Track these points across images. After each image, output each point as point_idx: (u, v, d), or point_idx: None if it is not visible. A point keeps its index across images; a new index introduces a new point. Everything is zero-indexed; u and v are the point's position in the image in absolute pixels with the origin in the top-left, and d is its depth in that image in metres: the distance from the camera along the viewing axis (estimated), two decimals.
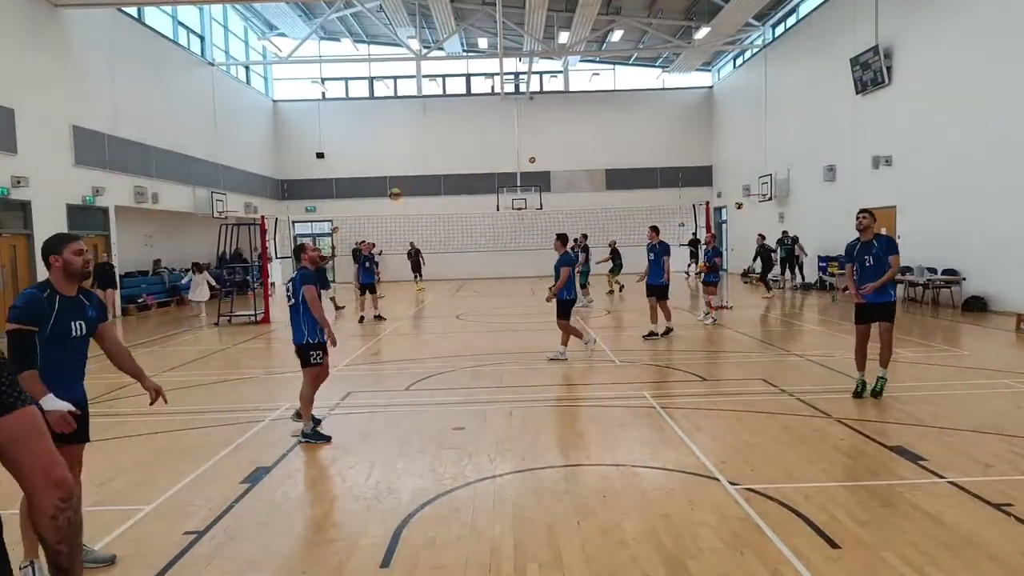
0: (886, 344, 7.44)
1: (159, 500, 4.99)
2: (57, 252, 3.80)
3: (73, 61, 17.72)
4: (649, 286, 12.19)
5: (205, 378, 9.80)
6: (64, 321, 3.77)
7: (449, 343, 12.54)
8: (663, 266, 12.07)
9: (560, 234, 10.67)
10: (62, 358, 3.80)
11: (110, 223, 18.94)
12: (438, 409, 7.60)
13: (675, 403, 7.49)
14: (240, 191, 27.43)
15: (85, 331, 3.89)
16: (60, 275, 3.81)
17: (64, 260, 3.80)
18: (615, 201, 31.10)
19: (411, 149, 32.60)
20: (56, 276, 3.82)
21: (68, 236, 3.91)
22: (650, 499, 4.78)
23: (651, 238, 12.36)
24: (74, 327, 3.81)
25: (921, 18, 16.86)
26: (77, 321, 3.83)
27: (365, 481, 5.30)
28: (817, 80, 22.01)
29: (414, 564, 3.93)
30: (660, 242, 12.22)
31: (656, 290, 12.09)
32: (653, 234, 12.38)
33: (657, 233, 12.40)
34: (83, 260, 3.85)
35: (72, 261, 3.81)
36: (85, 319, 3.88)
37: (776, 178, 24.85)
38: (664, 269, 12.04)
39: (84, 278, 3.90)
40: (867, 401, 7.29)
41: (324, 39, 31.89)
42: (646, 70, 33.29)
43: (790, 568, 3.72)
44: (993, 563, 3.73)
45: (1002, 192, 14.21)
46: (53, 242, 3.85)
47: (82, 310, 3.88)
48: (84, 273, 3.88)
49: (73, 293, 3.87)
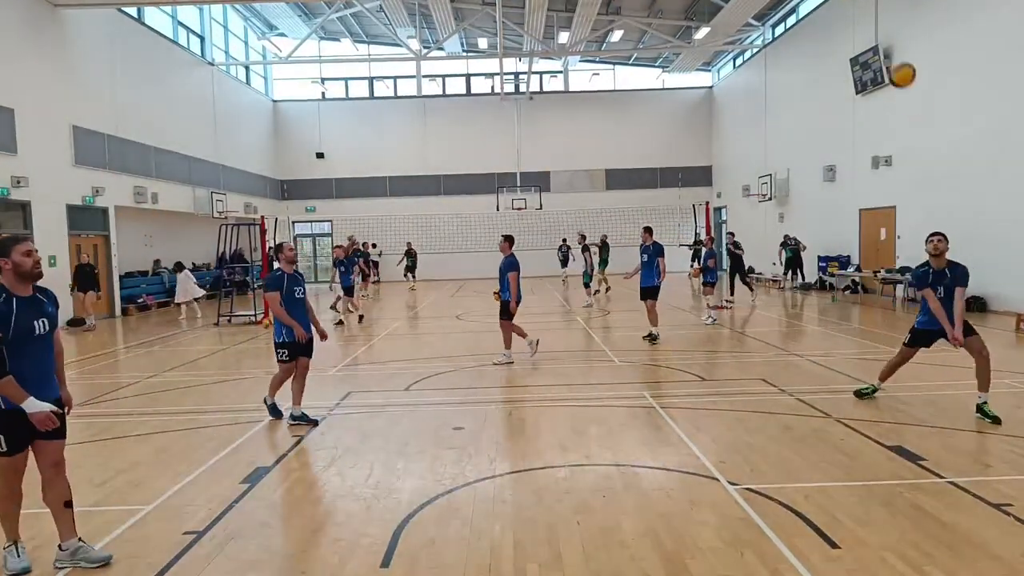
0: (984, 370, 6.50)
1: (159, 500, 4.99)
2: (5, 255, 3.76)
3: (73, 61, 17.72)
4: (642, 289, 12.02)
5: (205, 378, 9.80)
6: (25, 320, 3.75)
7: (449, 343, 12.54)
8: (656, 267, 11.86)
9: (506, 235, 10.53)
10: (31, 357, 3.79)
11: (110, 223, 18.95)
12: (438, 409, 7.60)
13: (675, 403, 7.49)
14: (240, 191, 27.44)
15: (48, 327, 3.88)
16: (11, 277, 3.79)
17: (13, 262, 3.77)
18: (615, 201, 31.10)
19: (411, 149, 32.61)
20: (8, 279, 3.78)
21: (15, 238, 3.88)
22: (650, 499, 4.78)
23: (644, 239, 12.12)
24: (37, 325, 3.80)
25: (921, 18, 16.87)
26: (39, 319, 3.82)
27: (365, 481, 5.30)
28: (817, 80, 22.01)
29: (414, 564, 3.93)
30: (654, 243, 12.02)
31: (649, 292, 11.93)
32: (647, 235, 12.15)
33: (651, 234, 12.19)
34: (33, 260, 3.82)
35: (21, 263, 3.78)
36: (47, 315, 3.88)
37: (776, 178, 24.85)
38: (659, 271, 11.83)
39: (36, 278, 3.86)
40: (867, 401, 7.29)
41: (324, 39, 31.89)
42: (646, 70, 33.29)
43: (790, 568, 3.72)
44: (993, 563, 3.73)
45: (1002, 192, 14.21)
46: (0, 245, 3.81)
47: (41, 307, 3.88)
48: (35, 274, 3.84)
49: (29, 292, 3.85)
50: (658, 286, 11.96)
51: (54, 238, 16.45)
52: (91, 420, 7.51)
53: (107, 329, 16.40)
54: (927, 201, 16.55)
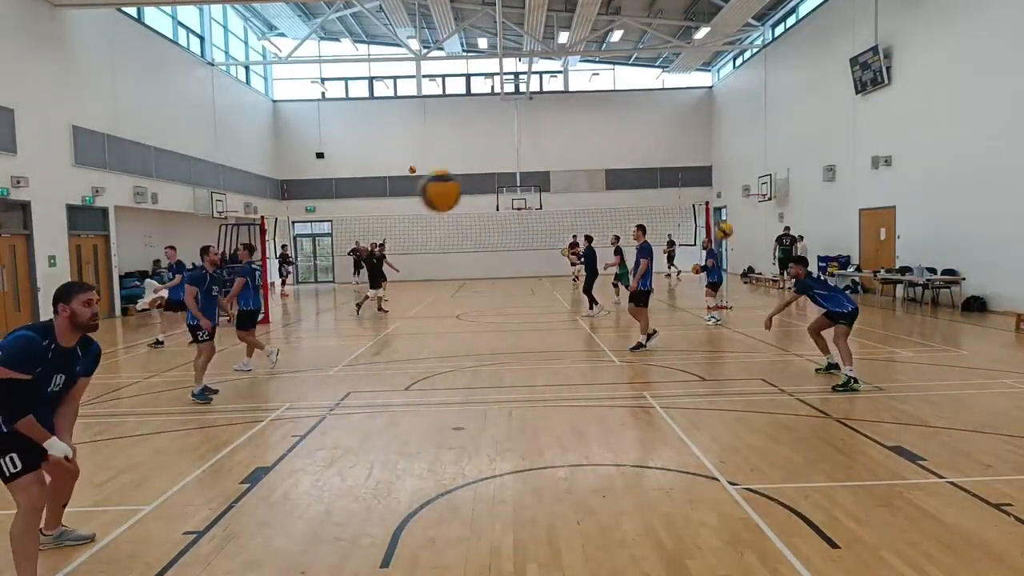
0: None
1: (159, 500, 4.99)
2: (66, 301, 3.58)
3: (73, 61, 17.71)
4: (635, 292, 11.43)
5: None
6: (47, 374, 3.53)
7: (449, 343, 12.54)
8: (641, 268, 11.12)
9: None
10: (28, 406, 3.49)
11: (110, 223, 18.93)
12: (438, 409, 7.60)
13: (675, 403, 7.48)
14: (240, 191, 27.42)
15: (62, 387, 3.64)
16: (65, 325, 3.61)
17: (72, 310, 3.58)
18: (615, 201, 31.09)
19: (411, 149, 32.55)
20: (61, 325, 3.60)
21: (80, 286, 3.67)
22: (650, 499, 4.78)
23: (637, 238, 11.66)
24: (54, 380, 3.58)
25: (921, 18, 16.87)
26: (59, 375, 3.60)
27: (365, 481, 5.30)
28: (817, 80, 22.01)
29: (414, 564, 3.93)
30: (644, 243, 11.51)
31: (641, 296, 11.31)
32: (639, 233, 11.71)
33: (643, 232, 11.70)
34: (91, 312, 3.62)
35: (80, 312, 3.59)
36: (69, 374, 3.66)
37: (776, 178, 24.85)
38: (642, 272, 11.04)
39: (90, 330, 3.68)
40: (867, 401, 7.30)
41: (324, 39, 31.88)
42: (646, 70, 33.28)
43: (790, 568, 3.72)
44: (993, 563, 3.73)
45: (1002, 192, 14.21)
46: (63, 290, 3.63)
47: (72, 364, 3.67)
48: (90, 325, 3.65)
49: (72, 344, 3.66)
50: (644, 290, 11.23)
51: (54, 238, 16.44)
52: (91, 420, 7.50)
53: (107, 329, 16.38)
54: (927, 201, 16.55)
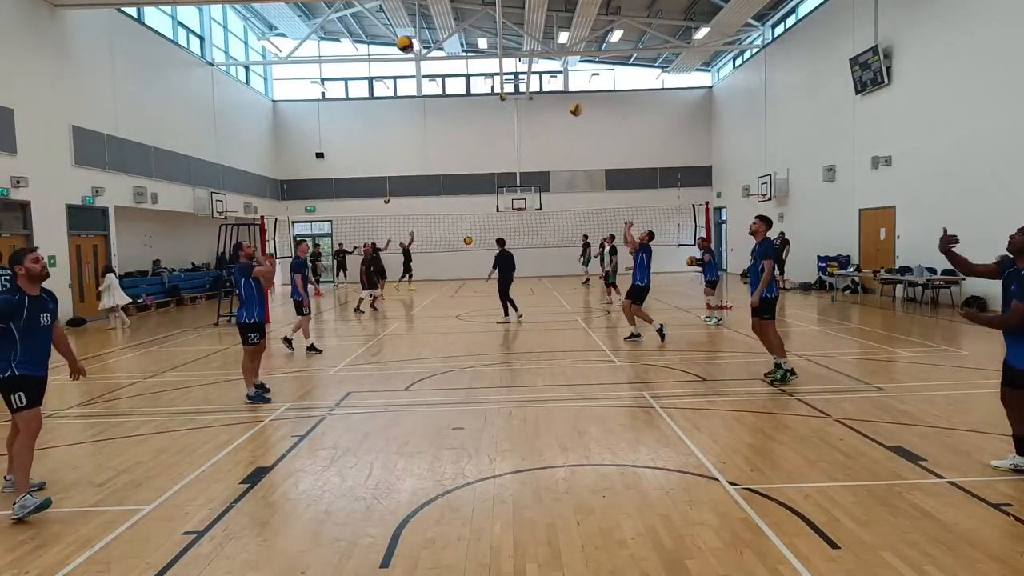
0: None
1: (159, 500, 5.00)
2: (20, 263, 4.93)
3: (73, 61, 17.71)
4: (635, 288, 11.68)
5: (205, 378, 9.80)
6: (34, 314, 4.93)
7: (449, 343, 12.54)
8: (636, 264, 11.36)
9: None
10: (37, 341, 4.97)
11: (110, 223, 18.94)
12: (438, 409, 7.60)
13: (675, 403, 7.48)
14: (240, 191, 27.43)
15: (50, 320, 5.09)
16: (25, 280, 4.94)
17: (26, 268, 4.93)
18: (615, 201, 31.07)
19: (411, 149, 32.60)
20: (23, 282, 4.94)
21: (25, 249, 5.02)
22: (650, 499, 4.78)
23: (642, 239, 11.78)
24: (42, 318, 4.99)
25: (921, 18, 16.86)
26: (43, 314, 5.00)
27: (365, 481, 5.30)
28: (817, 80, 22.01)
29: (414, 564, 3.93)
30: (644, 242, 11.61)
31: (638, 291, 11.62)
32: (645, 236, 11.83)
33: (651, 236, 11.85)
34: (40, 265, 5.00)
35: (32, 268, 4.94)
36: (49, 311, 5.08)
37: (776, 178, 24.85)
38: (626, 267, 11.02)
39: (44, 279, 5.04)
40: (867, 401, 7.30)
41: (324, 39, 31.88)
42: (646, 70, 33.29)
43: (790, 568, 3.72)
44: (993, 563, 3.73)
45: (1002, 192, 14.21)
46: (16, 256, 4.95)
47: (45, 304, 5.05)
48: (43, 275, 5.02)
49: (37, 292, 5.00)
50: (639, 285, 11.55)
51: (54, 238, 16.43)
52: (91, 420, 7.51)
53: (107, 329, 16.38)
54: (927, 201, 16.55)
